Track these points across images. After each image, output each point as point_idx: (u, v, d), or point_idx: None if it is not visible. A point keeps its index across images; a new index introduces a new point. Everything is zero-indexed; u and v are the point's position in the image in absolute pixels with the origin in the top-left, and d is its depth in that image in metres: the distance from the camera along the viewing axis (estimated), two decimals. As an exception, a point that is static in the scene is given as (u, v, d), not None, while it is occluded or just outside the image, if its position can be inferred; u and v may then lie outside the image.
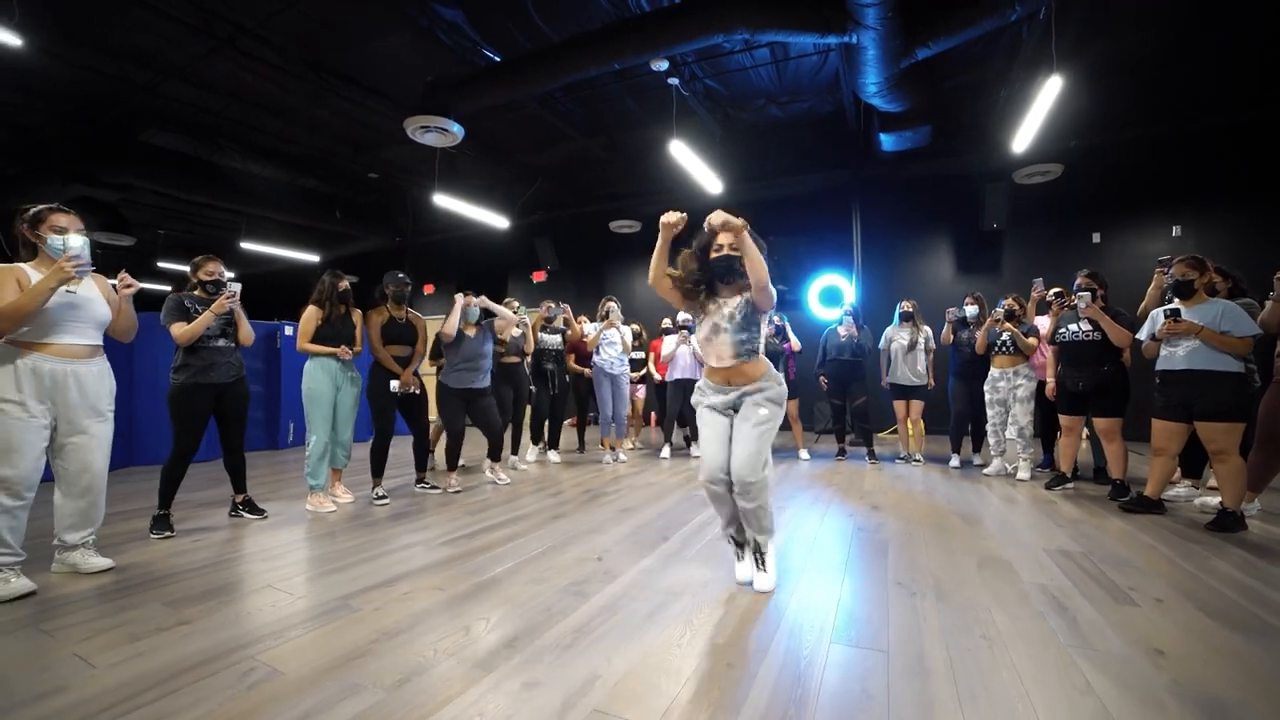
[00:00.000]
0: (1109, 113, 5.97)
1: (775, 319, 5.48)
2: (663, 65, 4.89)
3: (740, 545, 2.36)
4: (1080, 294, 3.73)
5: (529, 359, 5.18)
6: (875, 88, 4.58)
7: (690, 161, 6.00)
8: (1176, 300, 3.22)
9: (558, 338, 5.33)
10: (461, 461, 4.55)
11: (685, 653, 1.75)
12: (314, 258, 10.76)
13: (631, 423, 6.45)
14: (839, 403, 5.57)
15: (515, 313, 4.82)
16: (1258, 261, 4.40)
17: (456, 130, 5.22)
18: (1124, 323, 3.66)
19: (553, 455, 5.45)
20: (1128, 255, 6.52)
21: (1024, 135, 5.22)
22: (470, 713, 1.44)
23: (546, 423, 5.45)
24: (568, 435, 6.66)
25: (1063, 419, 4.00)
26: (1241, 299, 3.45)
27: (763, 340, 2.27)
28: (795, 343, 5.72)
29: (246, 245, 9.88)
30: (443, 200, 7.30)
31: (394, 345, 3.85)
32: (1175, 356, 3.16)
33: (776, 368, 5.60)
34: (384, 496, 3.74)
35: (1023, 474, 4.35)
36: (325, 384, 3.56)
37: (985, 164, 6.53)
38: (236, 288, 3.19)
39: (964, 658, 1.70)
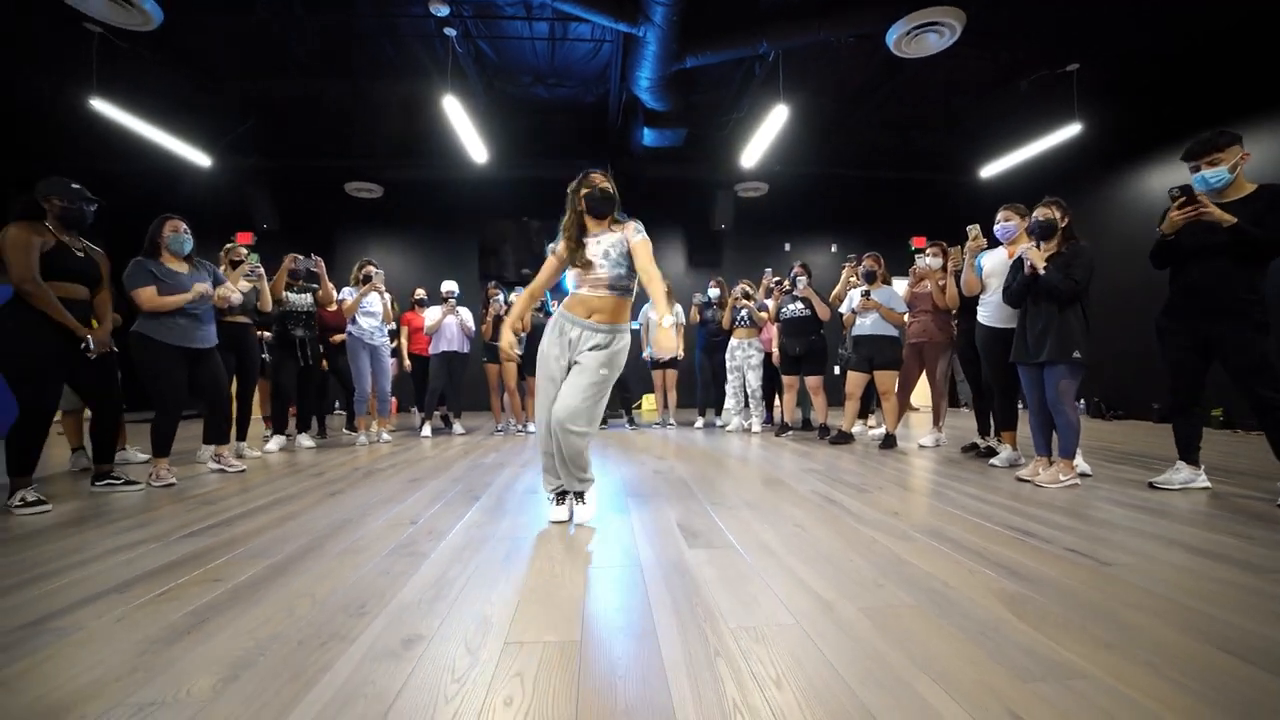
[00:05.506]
0: (797, 152, 7.66)
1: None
2: (444, 10, 4.44)
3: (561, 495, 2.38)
4: (799, 278, 4.74)
5: (258, 327, 4.19)
6: (648, 82, 5.02)
7: (461, 123, 5.61)
8: (866, 284, 4.35)
9: (309, 297, 4.42)
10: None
11: (566, 579, 1.68)
12: None
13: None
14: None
15: (244, 260, 3.90)
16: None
17: (150, 9, 3.79)
18: (824, 301, 4.80)
19: (304, 440, 4.49)
20: (807, 261, 8.49)
21: (751, 153, 6.38)
22: (356, 681, 1.14)
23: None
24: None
25: (785, 379, 5.02)
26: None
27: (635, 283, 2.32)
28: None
29: None
30: (107, 110, 5.27)
31: (64, 283, 2.70)
32: (865, 325, 4.28)
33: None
34: (39, 501, 2.55)
35: (756, 427, 5.29)
36: None
37: (716, 174, 7.73)
38: None
39: (790, 539, 2.03)
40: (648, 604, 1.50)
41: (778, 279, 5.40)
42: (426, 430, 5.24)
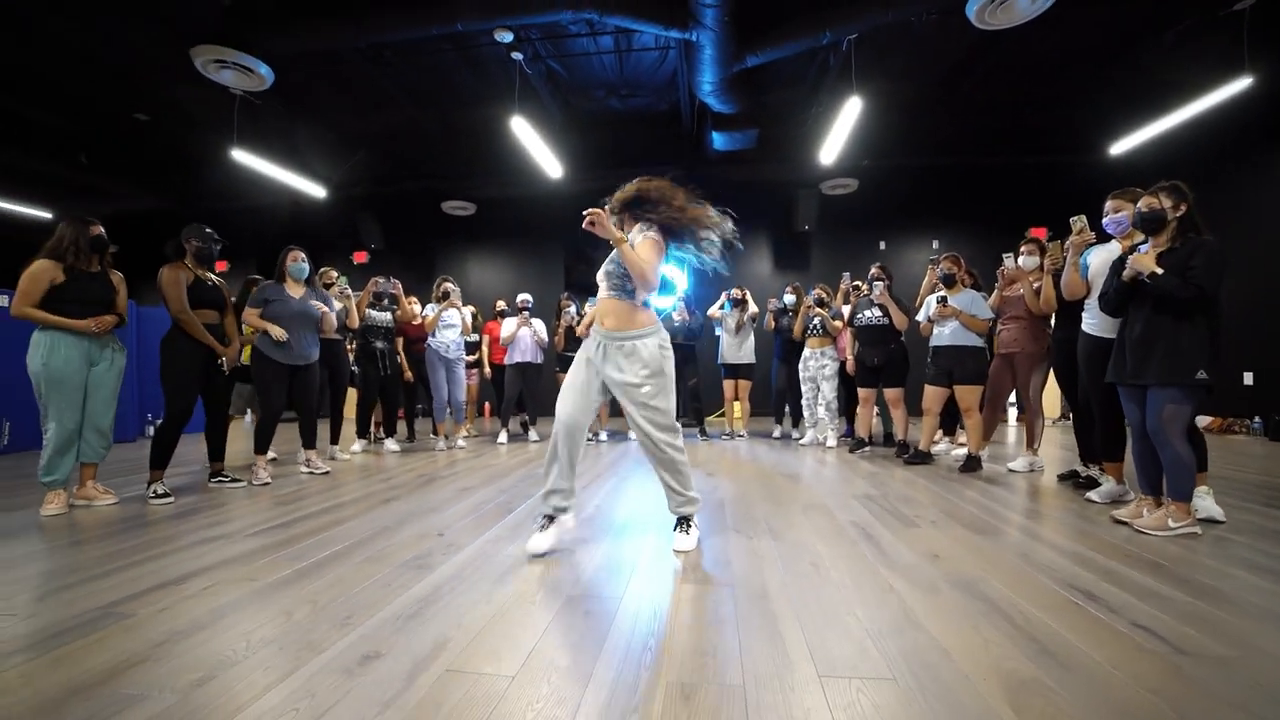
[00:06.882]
0: (888, 143, 7.12)
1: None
2: (507, 37, 4.70)
3: (550, 518, 2.21)
4: (876, 282, 4.40)
5: (350, 338, 4.70)
6: (710, 86, 4.93)
7: (532, 141, 5.87)
8: (943, 289, 3.95)
9: (388, 315, 4.87)
10: (271, 454, 3.98)
11: (540, 607, 1.70)
12: (46, 214, 8.53)
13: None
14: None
15: (334, 283, 4.38)
16: (983, 272, 5.60)
17: (264, 72, 4.45)
18: (903, 309, 4.41)
19: (390, 444, 4.94)
20: (905, 261, 7.86)
21: (830, 149, 6.04)
22: (299, 695, 1.25)
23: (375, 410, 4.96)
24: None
25: (860, 391, 4.68)
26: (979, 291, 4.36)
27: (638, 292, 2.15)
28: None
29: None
30: (244, 158, 6.22)
31: (203, 310, 3.25)
32: (943, 334, 3.89)
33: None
34: (165, 494, 3.07)
35: (831, 441, 4.99)
36: (74, 360, 2.82)
37: (798, 173, 7.40)
38: None
39: (796, 581, 1.90)
40: (602, 645, 1.48)
41: (856, 283, 5.06)
42: (503, 437, 5.54)
